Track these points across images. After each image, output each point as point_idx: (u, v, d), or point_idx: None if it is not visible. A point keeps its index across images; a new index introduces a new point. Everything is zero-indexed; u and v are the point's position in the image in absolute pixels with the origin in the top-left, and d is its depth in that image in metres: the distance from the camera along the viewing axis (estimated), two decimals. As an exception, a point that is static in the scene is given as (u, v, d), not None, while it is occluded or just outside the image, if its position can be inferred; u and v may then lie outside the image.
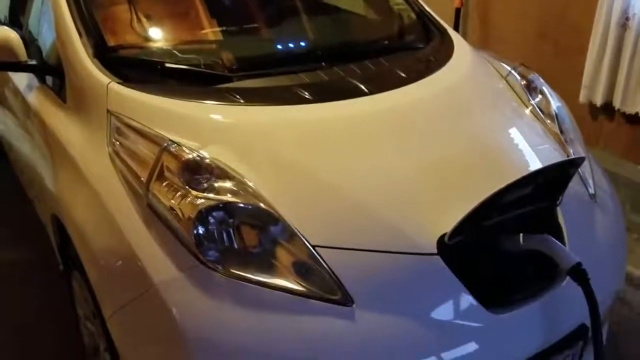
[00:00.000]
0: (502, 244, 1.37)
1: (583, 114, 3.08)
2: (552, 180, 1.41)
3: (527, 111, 1.81)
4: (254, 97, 1.60)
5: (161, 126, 1.45)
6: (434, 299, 1.30)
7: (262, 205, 1.30)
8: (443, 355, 1.26)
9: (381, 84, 1.72)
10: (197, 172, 1.32)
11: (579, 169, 1.64)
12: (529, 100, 1.86)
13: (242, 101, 1.57)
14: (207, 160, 1.35)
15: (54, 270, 1.99)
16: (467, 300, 1.29)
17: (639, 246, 2.71)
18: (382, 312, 1.25)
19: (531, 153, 1.62)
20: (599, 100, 2.97)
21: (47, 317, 2.16)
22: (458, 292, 1.29)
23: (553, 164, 1.38)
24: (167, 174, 1.32)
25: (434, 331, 1.27)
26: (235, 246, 1.27)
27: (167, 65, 1.66)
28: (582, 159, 1.40)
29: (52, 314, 2.16)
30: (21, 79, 2.15)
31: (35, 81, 2.02)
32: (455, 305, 1.30)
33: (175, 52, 1.78)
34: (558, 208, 1.48)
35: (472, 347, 1.29)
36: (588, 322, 1.35)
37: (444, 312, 1.30)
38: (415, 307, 1.28)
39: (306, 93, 1.62)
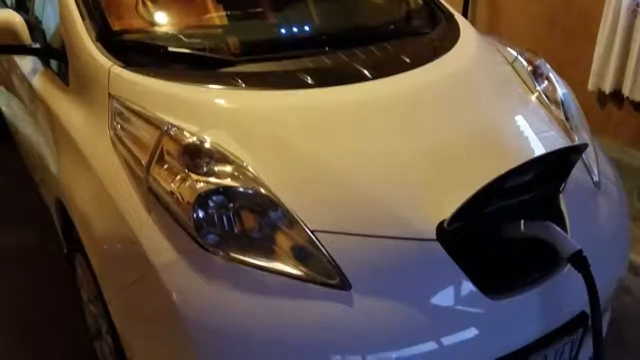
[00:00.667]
0: (503, 231, 1.37)
1: (591, 102, 3.05)
2: (555, 166, 1.39)
3: (533, 97, 1.79)
4: (256, 82, 1.60)
5: (162, 110, 1.44)
6: (432, 284, 1.30)
7: (261, 190, 1.30)
8: (441, 340, 1.26)
9: (385, 68, 1.71)
10: (197, 156, 1.32)
11: (583, 157, 1.62)
12: (535, 86, 1.83)
13: (244, 85, 1.57)
14: (208, 145, 1.35)
15: (60, 253, 2.01)
16: (465, 286, 1.29)
17: (646, 236, 2.69)
18: (380, 297, 1.25)
19: (535, 140, 1.61)
20: (607, 88, 2.93)
21: (53, 300, 2.18)
22: (457, 278, 1.29)
23: (555, 150, 1.36)
24: (167, 157, 1.33)
25: (431, 316, 1.27)
26: (235, 230, 1.27)
27: (170, 49, 1.66)
28: (585, 146, 1.39)
29: (59, 296, 2.18)
30: (27, 64, 2.15)
31: (39, 65, 2.03)
32: (454, 291, 1.30)
33: (177, 36, 1.77)
34: (561, 195, 1.47)
35: (470, 333, 1.28)
36: (588, 310, 1.34)
37: (442, 297, 1.29)
38: (413, 293, 1.28)
39: (309, 78, 1.61)
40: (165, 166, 1.32)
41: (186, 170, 1.29)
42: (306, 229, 1.27)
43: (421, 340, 1.26)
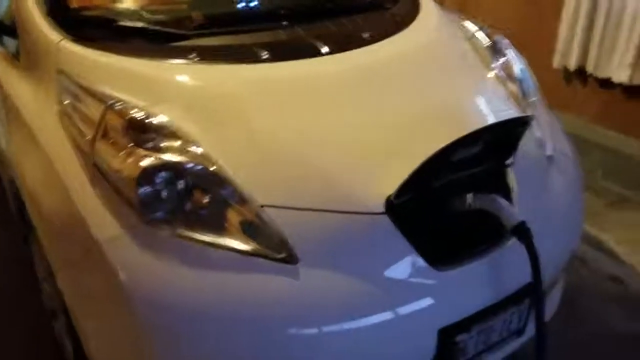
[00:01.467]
0: (452, 203, 1.38)
1: (557, 79, 3.08)
2: (502, 139, 1.41)
3: (489, 73, 1.79)
4: (211, 56, 1.57)
5: (112, 84, 1.42)
6: (381, 257, 1.31)
7: (211, 166, 1.29)
8: (388, 312, 1.28)
9: (343, 43, 1.70)
10: (143, 131, 1.31)
11: (536, 131, 1.64)
12: (493, 61, 1.84)
13: (197, 59, 1.54)
14: (155, 120, 1.33)
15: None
16: (413, 258, 1.30)
17: (608, 211, 2.75)
18: (329, 270, 1.26)
19: (489, 114, 1.61)
20: (572, 65, 2.96)
21: (18, 280, 2.17)
22: (404, 250, 1.30)
23: (497, 122, 1.38)
24: (111, 132, 1.31)
25: (379, 289, 1.28)
26: (182, 206, 1.26)
27: (121, 22, 1.63)
28: (529, 117, 1.40)
29: (24, 276, 2.16)
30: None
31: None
32: (401, 263, 1.31)
33: (130, 9, 1.74)
34: (509, 168, 1.48)
35: (417, 304, 1.30)
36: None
37: (390, 270, 1.30)
38: (362, 266, 1.28)
39: (265, 52, 1.60)
40: (110, 141, 1.30)
41: (131, 146, 1.28)
42: (255, 205, 1.27)
43: (369, 313, 1.27)
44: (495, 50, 1.89)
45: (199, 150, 1.31)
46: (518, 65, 1.86)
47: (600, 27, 2.80)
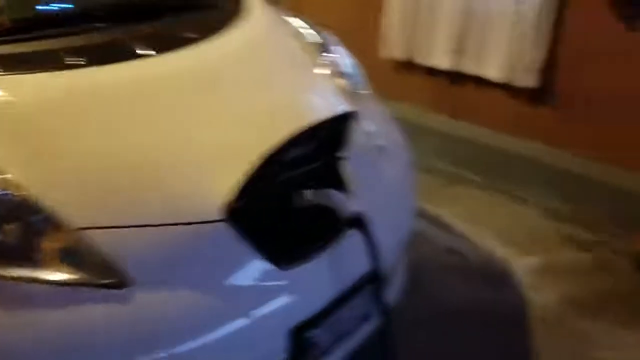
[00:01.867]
0: (290, 201, 1.38)
1: (389, 71, 3.26)
2: (334, 134, 1.43)
3: (318, 69, 1.82)
4: (11, 65, 1.39)
5: None
6: (224, 265, 1.26)
7: (15, 191, 1.14)
8: (236, 321, 1.24)
9: (166, 44, 1.60)
10: None
11: (366, 123, 1.70)
12: (321, 58, 1.87)
13: None
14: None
15: None
16: (257, 261, 1.27)
17: (443, 189, 2.99)
18: (169, 288, 1.18)
19: (319, 111, 1.63)
20: (400, 55, 3.14)
21: None
22: (247, 255, 1.27)
23: (325, 118, 1.40)
24: None
25: (225, 299, 1.24)
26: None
27: None
28: (353, 113, 1.44)
29: None
30: None
31: None
32: (246, 268, 1.28)
33: None
34: (343, 161, 1.52)
35: (265, 308, 1.28)
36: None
37: (234, 277, 1.27)
38: (204, 277, 1.23)
39: (77, 57, 1.45)
40: None
41: None
42: (73, 229, 1.15)
43: (216, 325, 1.22)
44: (324, 47, 1.93)
45: (2, 175, 1.15)
46: (346, 61, 1.93)
47: (423, 17, 2.99)
